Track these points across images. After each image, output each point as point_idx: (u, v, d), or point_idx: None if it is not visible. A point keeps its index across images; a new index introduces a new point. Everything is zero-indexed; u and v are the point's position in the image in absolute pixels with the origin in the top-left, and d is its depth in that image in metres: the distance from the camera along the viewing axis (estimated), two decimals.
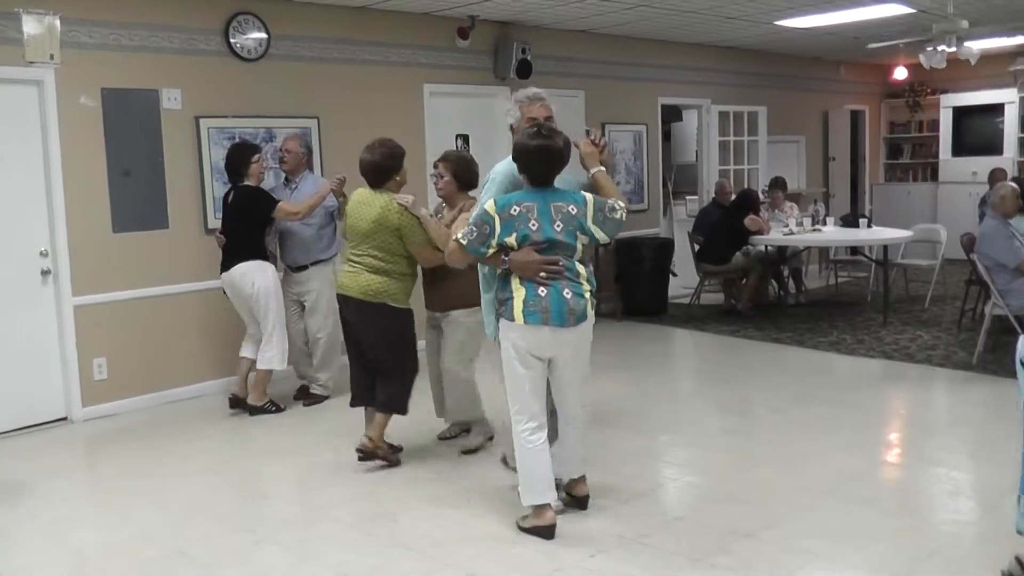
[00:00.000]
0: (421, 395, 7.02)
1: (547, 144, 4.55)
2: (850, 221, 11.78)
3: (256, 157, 7.09)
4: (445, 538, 4.71)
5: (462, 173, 5.91)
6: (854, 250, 11.86)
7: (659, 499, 5.18)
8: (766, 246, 10.76)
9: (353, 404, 6.00)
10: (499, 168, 4.93)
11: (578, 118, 10.64)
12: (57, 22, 6.90)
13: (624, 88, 11.16)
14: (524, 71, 9.75)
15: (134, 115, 7.35)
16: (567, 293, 4.50)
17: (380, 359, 5.79)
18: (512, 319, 4.55)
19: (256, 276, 6.99)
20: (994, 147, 14.80)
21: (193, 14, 7.64)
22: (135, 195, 7.33)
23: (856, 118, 15.90)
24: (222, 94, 7.84)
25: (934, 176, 15.80)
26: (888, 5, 9.66)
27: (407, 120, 9.13)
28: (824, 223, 11.37)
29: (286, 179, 7.47)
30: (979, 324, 8.52)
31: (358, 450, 5.74)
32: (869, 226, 11.45)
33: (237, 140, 7.56)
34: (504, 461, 5.61)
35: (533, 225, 4.50)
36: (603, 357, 7.28)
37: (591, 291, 4.61)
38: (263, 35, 8.03)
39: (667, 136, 12.96)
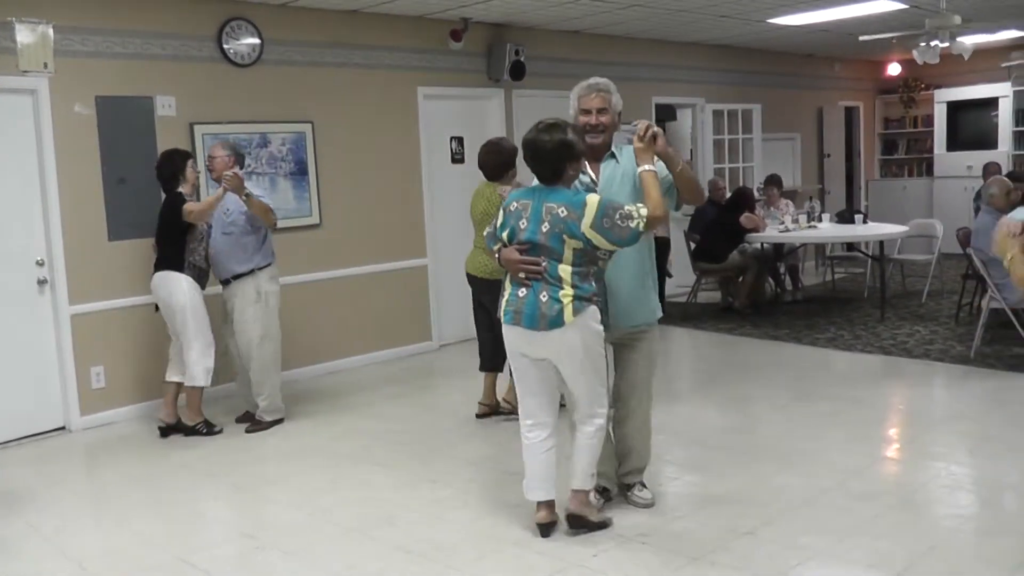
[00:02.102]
0: (420, 397, 7.06)
1: (531, 139, 4.47)
2: (846, 217, 11.79)
3: (191, 162, 6.85)
4: (446, 541, 4.71)
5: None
6: (850, 246, 11.88)
7: (659, 498, 5.17)
8: (762, 244, 10.77)
9: (481, 369, 6.94)
10: None
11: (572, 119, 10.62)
12: (50, 31, 6.90)
13: (618, 88, 11.12)
14: (518, 73, 9.76)
15: (129, 122, 7.35)
16: (543, 296, 4.36)
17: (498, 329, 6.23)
18: (498, 315, 4.59)
19: (167, 288, 6.69)
20: (988, 141, 14.82)
21: (186, 20, 7.64)
22: (131, 203, 7.31)
23: (850, 114, 15.91)
24: (216, 100, 7.84)
25: (929, 171, 15.81)
26: (881, 1, 9.67)
27: (401, 123, 9.15)
28: (820, 220, 11.38)
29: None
30: (976, 318, 8.53)
31: (482, 410, 6.94)
32: (865, 222, 11.46)
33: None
34: None
35: (522, 224, 4.44)
36: None
37: (577, 296, 4.33)
38: (256, 40, 8.03)
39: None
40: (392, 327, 9.15)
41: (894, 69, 15.96)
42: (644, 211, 4.37)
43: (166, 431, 6.84)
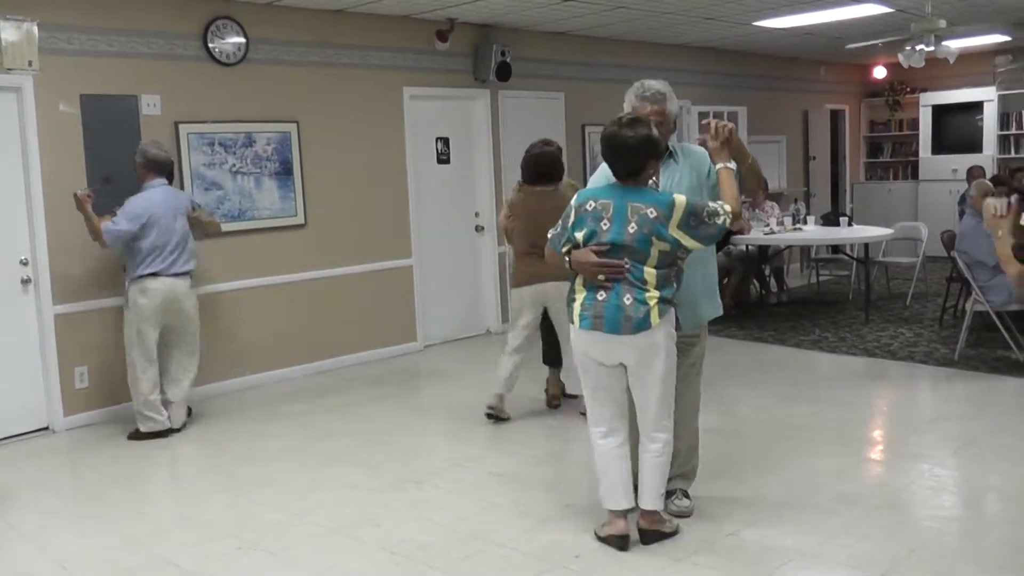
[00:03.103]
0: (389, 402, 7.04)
1: (613, 133, 4.25)
2: (831, 220, 11.83)
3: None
4: (430, 542, 4.70)
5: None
6: (835, 248, 11.91)
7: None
8: (747, 245, 10.79)
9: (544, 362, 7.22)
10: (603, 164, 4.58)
11: (558, 120, 10.66)
12: (35, 28, 6.87)
13: (604, 90, 11.15)
14: (504, 73, 9.76)
15: (113, 121, 7.32)
16: (627, 299, 4.17)
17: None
18: (572, 322, 4.38)
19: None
20: (974, 145, 14.87)
21: (172, 19, 7.62)
22: (115, 202, 7.27)
23: (836, 117, 15.96)
24: (201, 99, 7.82)
25: (914, 174, 15.86)
26: (866, 5, 9.69)
27: (387, 123, 9.14)
28: (805, 222, 11.40)
29: None
30: (960, 321, 8.56)
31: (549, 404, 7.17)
32: (850, 224, 11.50)
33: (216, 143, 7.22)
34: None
35: (604, 224, 4.23)
36: None
37: (662, 298, 4.20)
38: (242, 39, 8.01)
39: None
40: (377, 327, 9.13)
41: (879, 72, 16.01)
42: (728, 207, 4.30)
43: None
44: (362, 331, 9.01)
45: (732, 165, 4.44)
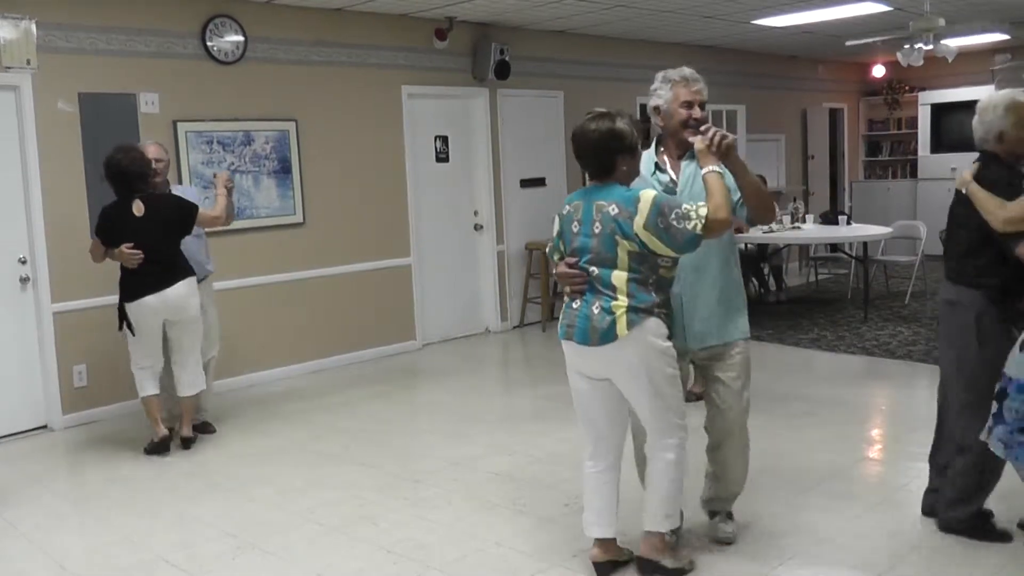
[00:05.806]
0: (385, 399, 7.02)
1: (576, 129, 3.96)
2: (830, 218, 11.81)
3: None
4: (428, 541, 4.71)
5: None
6: (834, 247, 11.91)
7: (637, 498, 5.16)
8: (746, 244, 10.77)
9: None
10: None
11: (557, 119, 10.66)
12: (33, 26, 6.86)
13: (603, 88, 11.16)
14: (503, 72, 9.76)
15: (112, 120, 7.31)
16: (595, 308, 3.86)
17: None
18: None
19: (196, 295, 6.34)
20: (972, 144, 14.78)
21: (170, 17, 7.61)
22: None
23: (835, 116, 15.94)
24: (200, 97, 7.81)
25: (913, 173, 15.86)
26: (865, 3, 9.70)
27: (386, 122, 9.13)
28: (804, 221, 11.39)
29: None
30: None
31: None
32: (849, 223, 11.48)
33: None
34: None
35: (575, 228, 3.96)
36: None
37: (631, 307, 3.80)
38: (240, 38, 8.00)
39: (646, 136, 12.99)
40: (375, 326, 9.13)
41: (878, 71, 16.02)
42: (703, 211, 3.78)
43: (187, 442, 6.50)
44: (361, 330, 9.00)
45: (720, 169, 3.95)
